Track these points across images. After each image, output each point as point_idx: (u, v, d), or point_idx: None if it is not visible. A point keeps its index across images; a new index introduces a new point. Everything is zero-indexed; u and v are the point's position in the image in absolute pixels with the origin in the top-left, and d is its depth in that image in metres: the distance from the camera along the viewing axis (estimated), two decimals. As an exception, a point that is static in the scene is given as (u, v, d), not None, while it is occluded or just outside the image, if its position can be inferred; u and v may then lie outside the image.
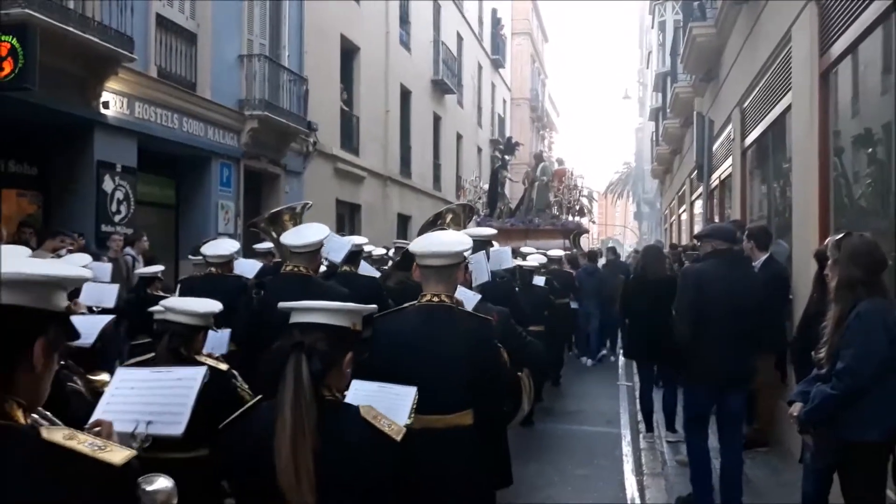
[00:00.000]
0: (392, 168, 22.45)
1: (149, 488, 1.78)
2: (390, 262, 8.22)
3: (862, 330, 3.44)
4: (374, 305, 2.63)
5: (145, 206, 12.18)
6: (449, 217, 5.93)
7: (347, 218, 19.65)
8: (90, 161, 10.42)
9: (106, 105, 10.42)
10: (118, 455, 1.30)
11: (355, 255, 6.26)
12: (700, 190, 12.38)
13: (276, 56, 15.18)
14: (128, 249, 9.38)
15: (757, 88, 8.72)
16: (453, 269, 3.16)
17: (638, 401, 8.26)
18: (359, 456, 2.03)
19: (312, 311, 2.21)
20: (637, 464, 6.74)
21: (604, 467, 6.75)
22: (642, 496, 5.79)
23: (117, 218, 10.80)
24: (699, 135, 10.66)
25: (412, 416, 2.61)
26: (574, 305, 11.83)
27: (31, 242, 8.40)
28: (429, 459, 2.54)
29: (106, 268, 6.80)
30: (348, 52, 19.47)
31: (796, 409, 3.78)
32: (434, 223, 5.84)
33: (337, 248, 5.80)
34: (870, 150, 5.60)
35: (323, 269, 5.42)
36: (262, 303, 4.60)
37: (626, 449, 7.30)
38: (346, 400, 2.25)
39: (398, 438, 2.08)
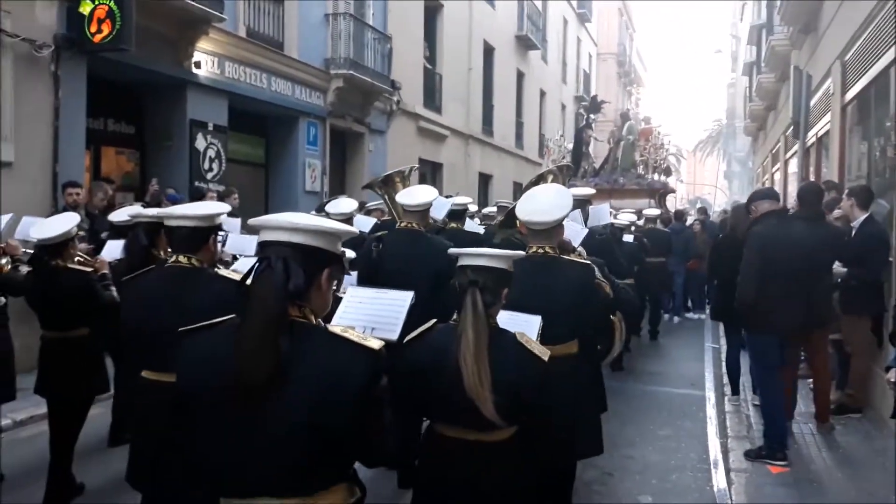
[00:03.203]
0: (474, 126, 22.35)
1: None
2: (495, 220, 8.45)
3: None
4: (522, 252, 3.19)
5: (236, 164, 12.53)
6: (550, 178, 6.39)
7: (429, 176, 19.72)
8: (183, 120, 10.77)
9: (198, 65, 10.72)
10: (375, 343, 1.94)
11: (461, 214, 7.01)
12: (795, 148, 11.89)
13: (361, 14, 15.25)
14: (220, 206, 9.68)
15: (860, 40, 8.26)
16: (553, 229, 3.69)
17: (724, 363, 8.11)
18: (516, 368, 2.56)
19: (482, 256, 2.72)
20: (721, 426, 6.63)
21: (687, 429, 6.68)
22: (726, 459, 5.70)
23: (210, 175, 11.16)
24: (796, 90, 10.18)
25: (538, 338, 3.00)
26: None
27: (115, 199, 8.81)
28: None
29: (236, 222, 7.04)
30: (432, 9, 19.37)
31: (893, 374, 3.66)
32: (537, 184, 6.23)
33: (439, 206, 6.42)
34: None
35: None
36: (380, 254, 5.14)
37: (711, 411, 7.20)
38: None
39: (545, 359, 2.62)
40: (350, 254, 4.08)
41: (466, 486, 2.60)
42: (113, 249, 5.31)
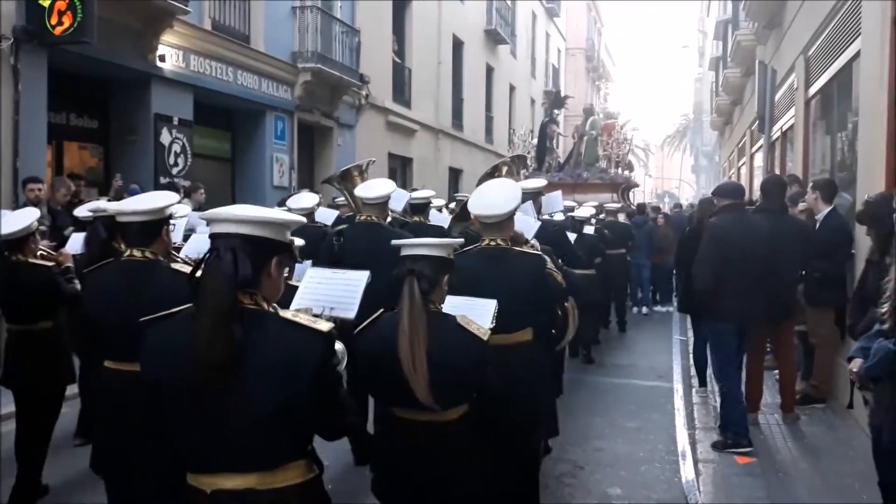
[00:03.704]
0: (444, 121, 22.32)
1: None
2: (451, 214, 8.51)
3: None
4: (462, 239, 3.38)
5: (202, 159, 12.37)
6: (504, 169, 6.62)
7: (399, 171, 19.65)
8: (148, 114, 10.60)
9: (162, 58, 10.56)
10: (325, 326, 2.05)
11: (424, 207, 7.06)
12: (761, 142, 12.03)
13: (329, 7, 15.12)
14: (185, 201, 9.54)
15: (823, 35, 8.37)
16: (505, 222, 3.78)
17: (692, 355, 8.20)
18: (457, 350, 2.71)
19: (419, 245, 2.87)
20: (689, 418, 6.70)
21: (655, 421, 6.74)
22: (693, 450, 5.76)
23: (175, 170, 11.00)
24: (761, 84, 10.30)
25: (493, 322, 3.17)
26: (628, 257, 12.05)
27: (83, 195, 8.65)
28: (500, 367, 3.02)
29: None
30: (400, 3, 19.28)
31: (856, 364, 3.70)
32: (491, 175, 6.52)
33: (397, 198, 6.56)
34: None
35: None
36: (341, 247, 5.29)
37: (679, 403, 7.26)
38: (445, 310, 2.90)
39: (485, 339, 2.75)
40: (299, 242, 4.18)
41: (423, 465, 2.75)
42: (76, 243, 5.29)
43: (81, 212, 5.49)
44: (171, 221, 3.40)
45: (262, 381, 1.95)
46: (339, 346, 2.65)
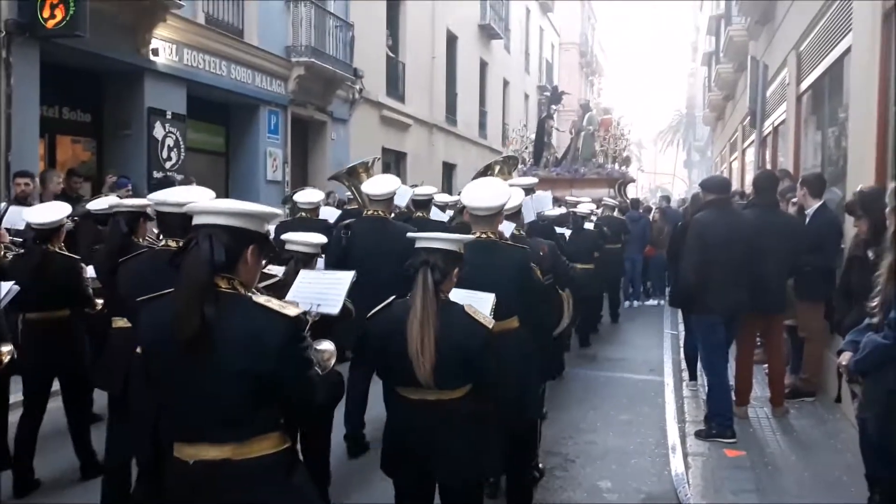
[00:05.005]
0: (438, 116, 22.31)
1: (318, 348, 2.77)
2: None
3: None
4: (472, 235, 3.75)
5: (196, 153, 12.36)
6: (497, 168, 7.00)
7: (393, 166, 19.65)
8: (141, 108, 10.59)
9: (155, 52, 10.54)
10: (293, 310, 2.21)
11: (426, 203, 7.33)
12: (753, 137, 12.08)
13: (322, 2, 15.09)
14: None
15: (815, 30, 8.41)
16: (495, 216, 4.00)
17: (682, 349, 8.24)
18: (463, 335, 2.90)
19: (435, 239, 3.06)
20: (679, 411, 6.74)
21: (646, 414, 6.78)
22: (683, 443, 5.79)
23: (168, 164, 10.99)
24: (753, 80, 10.34)
25: (491, 314, 3.32)
26: None
27: (80, 191, 8.64)
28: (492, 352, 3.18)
29: None
30: (394, -3, 19.25)
31: (846, 357, 3.74)
32: (484, 173, 6.88)
33: (402, 194, 6.85)
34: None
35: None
36: (349, 240, 5.49)
37: (669, 397, 7.30)
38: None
39: (490, 326, 2.96)
40: (321, 238, 4.34)
41: (427, 442, 2.97)
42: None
43: (99, 205, 5.61)
44: None
45: (230, 355, 2.13)
46: (329, 345, 2.91)
